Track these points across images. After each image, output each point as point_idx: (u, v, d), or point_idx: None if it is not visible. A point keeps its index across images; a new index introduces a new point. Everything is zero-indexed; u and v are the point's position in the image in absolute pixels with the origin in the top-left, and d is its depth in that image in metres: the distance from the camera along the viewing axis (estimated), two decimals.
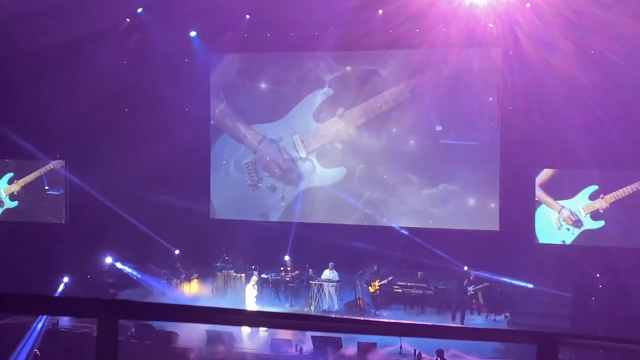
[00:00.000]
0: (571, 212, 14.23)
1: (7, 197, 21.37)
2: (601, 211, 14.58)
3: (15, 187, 21.29)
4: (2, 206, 21.44)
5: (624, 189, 15.10)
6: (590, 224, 14.77)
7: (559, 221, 14.19)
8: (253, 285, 17.72)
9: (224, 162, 15.73)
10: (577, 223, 14.29)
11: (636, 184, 15.79)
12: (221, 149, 15.82)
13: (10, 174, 21.33)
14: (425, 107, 19.54)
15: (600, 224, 15.63)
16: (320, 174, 14.90)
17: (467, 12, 17.74)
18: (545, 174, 14.08)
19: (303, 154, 14.30)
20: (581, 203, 14.31)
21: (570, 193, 14.35)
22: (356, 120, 15.73)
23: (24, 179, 21.25)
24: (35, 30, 18.19)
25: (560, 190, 14.43)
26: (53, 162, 21.06)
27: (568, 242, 15.26)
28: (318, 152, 14.46)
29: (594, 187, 14.34)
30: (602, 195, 14.20)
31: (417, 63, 19.34)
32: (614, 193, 14.55)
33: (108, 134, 20.50)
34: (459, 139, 19.50)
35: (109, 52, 19.84)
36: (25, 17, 17.86)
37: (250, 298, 17.55)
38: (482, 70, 18.92)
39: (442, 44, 18.64)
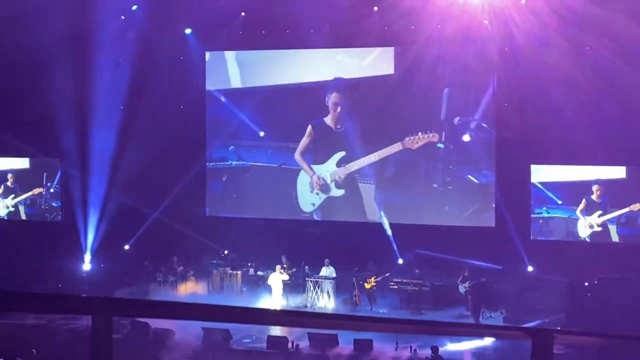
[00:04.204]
0: (589, 222, 18.57)
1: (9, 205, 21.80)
2: (599, 224, 18.45)
3: (11, 202, 21.68)
4: (7, 208, 21.68)
5: (619, 211, 18.19)
6: (596, 228, 18.61)
7: (584, 225, 18.61)
8: (280, 272, 18.32)
9: (301, 177, 21.38)
10: (592, 227, 18.49)
11: (631, 206, 18.00)
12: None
13: (13, 195, 21.72)
14: (419, 103, 19.57)
15: (600, 228, 18.53)
16: (335, 190, 20.83)
17: (462, 8, 17.75)
18: (582, 204, 18.58)
19: (329, 181, 20.74)
20: (594, 218, 18.51)
21: (591, 212, 18.55)
22: (358, 164, 20.68)
23: (21, 196, 21.52)
24: (29, 27, 18.12)
25: (590, 209, 18.58)
26: (37, 188, 21.26)
27: (586, 237, 18.70)
28: (336, 181, 20.68)
29: (600, 211, 18.36)
30: (600, 215, 18.49)
31: (411, 60, 19.35)
32: (609, 214, 18.24)
33: (103, 132, 20.43)
34: (453, 136, 19.50)
35: (104, 50, 19.77)
36: (20, 14, 17.78)
37: (278, 290, 18.15)
38: (477, 67, 18.91)
39: (437, 41, 18.65)
